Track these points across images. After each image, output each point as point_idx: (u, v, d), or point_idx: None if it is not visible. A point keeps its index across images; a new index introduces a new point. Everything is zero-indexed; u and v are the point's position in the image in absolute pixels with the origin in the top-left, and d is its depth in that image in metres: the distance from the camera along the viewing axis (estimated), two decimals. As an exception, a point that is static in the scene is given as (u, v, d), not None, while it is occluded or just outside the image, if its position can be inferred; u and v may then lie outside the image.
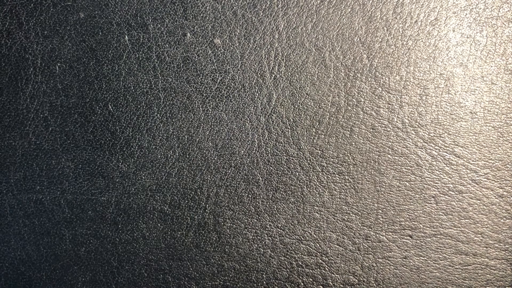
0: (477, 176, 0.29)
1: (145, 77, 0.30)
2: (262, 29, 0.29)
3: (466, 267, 0.29)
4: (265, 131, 0.30)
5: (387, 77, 0.29)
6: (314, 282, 0.30)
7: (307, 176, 0.30)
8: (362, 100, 0.29)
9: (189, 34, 0.30)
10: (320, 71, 0.29)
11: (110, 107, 0.30)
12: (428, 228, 0.29)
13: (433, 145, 0.29)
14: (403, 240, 0.29)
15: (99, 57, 0.30)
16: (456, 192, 0.29)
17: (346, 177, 0.30)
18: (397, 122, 0.29)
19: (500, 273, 0.29)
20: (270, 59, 0.29)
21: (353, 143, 0.29)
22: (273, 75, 0.29)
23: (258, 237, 0.30)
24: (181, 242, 0.30)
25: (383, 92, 0.29)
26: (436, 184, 0.29)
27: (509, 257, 0.29)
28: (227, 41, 0.30)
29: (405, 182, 0.29)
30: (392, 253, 0.29)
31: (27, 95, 0.30)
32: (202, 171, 0.30)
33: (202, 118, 0.30)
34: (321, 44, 0.29)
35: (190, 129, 0.30)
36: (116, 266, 0.31)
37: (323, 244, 0.30)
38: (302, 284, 0.30)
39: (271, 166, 0.30)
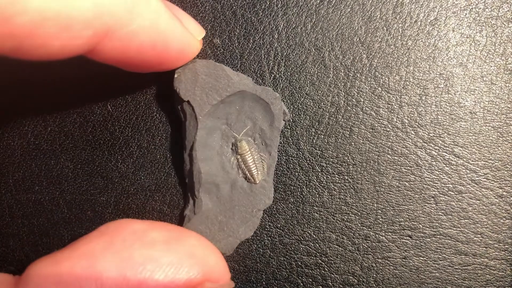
0: (477, 176, 0.29)
1: (144, 77, 0.30)
2: (261, 29, 0.29)
3: (465, 267, 0.29)
4: (265, 131, 0.30)
5: (386, 77, 0.29)
6: (314, 282, 0.30)
7: (307, 176, 0.30)
8: (362, 100, 0.29)
9: (188, 34, 0.30)
10: (320, 71, 0.29)
11: (109, 107, 0.30)
12: (427, 228, 0.29)
13: (432, 145, 0.29)
14: (403, 240, 0.29)
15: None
16: (456, 192, 0.29)
17: (346, 177, 0.29)
18: (396, 122, 0.29)
19: (500, 273, 0.29)
20: (269, 59, 0.29)
21: (353, 143, 0.29)
22: (273, 75, 0.29)
23: (258, 237, 0.30)
24: (180, 242, 0.30)
25: (382, 92, 0.29)
26: (436, 184, 0.29)
27: (508, 257, 0.29)
28: (227, 41, 0.30)
29: (405, 182, 0.29)
30: (392, 253, 0.29)
31: (26, 95, 0.30)
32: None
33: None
34: (321, 44, 0.29)
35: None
36: (115, 267, 0.30)
37: (322, 245, 0.30)
38: (302, 284, 0.30)
39: (271, 166, 0.30)
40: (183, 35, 0.25)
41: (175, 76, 0.27)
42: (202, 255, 0.24)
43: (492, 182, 0.29)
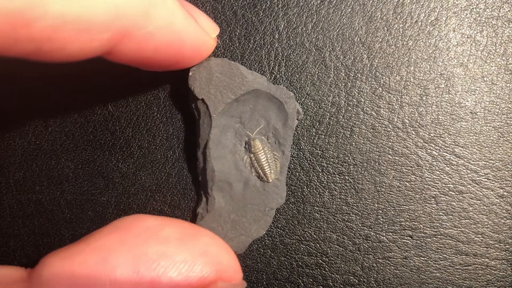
0: (478, 176, 0.29)
1: (145, 77, 0.30)
2: (262, 29, 0.29)
3: (466, 267, 0.29)
4: (265, 131, 0.30)
5: (387, 77, 0.29)
6: (314, 282, 0.30)
7: (307, 176, 0.30)
8: (363, 100, 0.29)
9: (189, 34, 0.30)
10: (320, 71, 0.29)
11: (110, 107, 0.30)
12: (428, 229, 0.29)
13: (433, 145, 0.29)
14: (404, 240, 0.29)
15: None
16: (457, 193, 0.29)
17: (346, 177, 0.29)
18: (397, 122, 0.29)
19: (501, 273, 0.29)
20: (270, 59, 0.29)
21: (353, 143, 0.29)
22: (273, 75, 0.29)
23: (258, 238, 0.30)
24: (181, 242, 0.30)
25: (383, 92, 0.29)
26: (437, 184, 0.29)
27: (509, 257, 0.29)
28: (227, 41, 0.30)
29: (406, 182, 0.29)
30: (393, 253, 0.29)
31: (27, 95, 0.30)
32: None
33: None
34: (321, 44, 0.29)
35: (190, 129, 0.30)
36: (116, 267, 0.30)
37: (323, 245, 0.30)
38: (302, 284, 0.30)
39: (271, 167, 0.30)
40: (198, 34, 0.25)
41: (190, 74, 0.27)
42: (216, 253, 0.24)
43: (493, 182, 0.29)
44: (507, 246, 0.29)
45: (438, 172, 0.29)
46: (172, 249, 0.23)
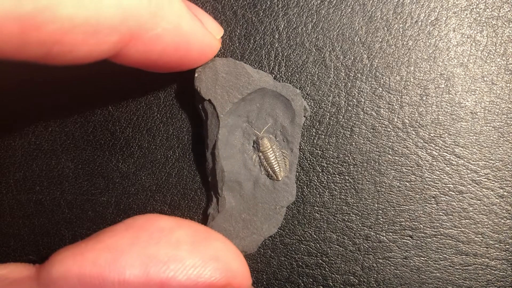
0: (478, 177, 0.29)
1: (145, 77, 0.30)
2: (262, 29, 0.29)
3: (466, 267, 0.29)
4: (265, 131, 0.30)
5: (387, 77, 0.29)
6: (314, 282, 0.30)
7: (307, 177, 0.30)
8: (363, 100, 0.29)
9: (189, 34, 0.30)
10: (320, 71, 0.29)
11: (110, 107, 0.30)
12: (428, 229, 0.29)
13: (433, 145, 0.29)
14: (404, 240, 0.29)
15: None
16: (457, 193, 0.29)
17: (346, 178, 0.29)
18: (397, 122, 0.29)
19: (501, 273, 0.29)
20: (270, 59, 0.29)
21: (353, 143, 0.29)
22: (273, 75, 0.29)
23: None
24: (181, 242, 0.30)
25: (383, 92, 0.29)
26: (437, 185, 0.29)
27: (509, 257, 0.29)
28: (227, 41, 0.30)
29: (406, 183, 0.29)
30: (393, 253, 0.29)
31: (27, 95, 0.30)
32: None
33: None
34: (321, 44, 0.29)
35: (190, 129, 0.30)
36: (116, 267, 0.30)
37: (323, 245, 0.30)
38: (302, 284, 0.30)
39: (271, 167, 0.30)
40: (204, 36, 0.25)
41: (196, 75, 0.27)
42: (226, 259, 0.24)
43: (493, 182, 0.29)
44: (507, 246, 0.29)
45: (438, 172, 0.29)
46: (183, 252, 0.23)
